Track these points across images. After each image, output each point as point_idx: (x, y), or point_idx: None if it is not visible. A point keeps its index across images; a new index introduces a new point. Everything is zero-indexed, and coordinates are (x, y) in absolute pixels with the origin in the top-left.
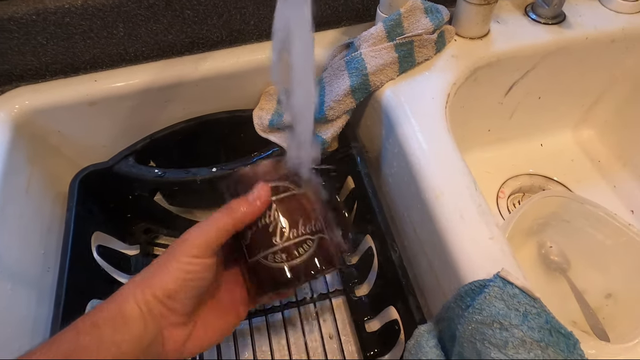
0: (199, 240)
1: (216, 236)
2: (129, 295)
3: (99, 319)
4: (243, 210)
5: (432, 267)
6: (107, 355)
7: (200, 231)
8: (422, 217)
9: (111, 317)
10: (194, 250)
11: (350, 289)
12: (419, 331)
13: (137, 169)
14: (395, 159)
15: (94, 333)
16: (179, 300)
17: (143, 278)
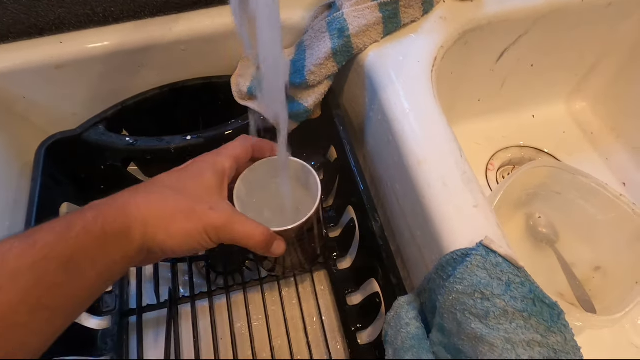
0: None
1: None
2: (137, 226)
3: (108, 229)
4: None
5: (415, 238)
6: (101, 268)
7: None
8: (404, 186)
9: (117, 233)
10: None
11: (333, 262)
12: (398, 303)
13: (108, 137)
14: (378, 126)
15: (100, 242)
16: (178, 253)
17: (157, 218)
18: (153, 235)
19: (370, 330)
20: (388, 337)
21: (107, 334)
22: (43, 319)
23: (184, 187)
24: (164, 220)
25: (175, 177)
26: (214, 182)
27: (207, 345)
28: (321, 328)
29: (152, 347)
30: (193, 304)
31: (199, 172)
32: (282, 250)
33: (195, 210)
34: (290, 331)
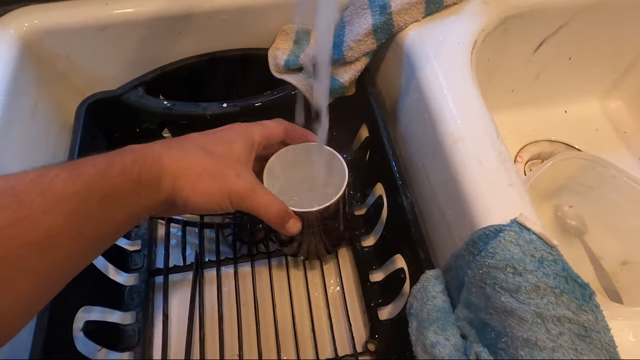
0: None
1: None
2: (168, 177)
3: (143, 176)
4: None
5: (445, 216)
6: (130, 209)
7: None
8: (437, 164)
9: (150, 181)
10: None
11: (357, 239)
12: (426, 276)
13: (146, 99)
14: (414, 105)
15: (135, 186)
16: (197, 210)
17: (186, 175)
18: (180, 189)
19: (391, 307)
20: (413, 309)
21: (134, 291)
22: (79, 246)
23: (214, 149)
24: (192, 177)
25: (207, 139)
26: (243, 151)
27: (230, 310)
28: (342, 303)
29: (176, 307)
30: (218, 268)
31: (230, 139)
32: (297, 229)
33: (223, 174)
34: (312, 304)
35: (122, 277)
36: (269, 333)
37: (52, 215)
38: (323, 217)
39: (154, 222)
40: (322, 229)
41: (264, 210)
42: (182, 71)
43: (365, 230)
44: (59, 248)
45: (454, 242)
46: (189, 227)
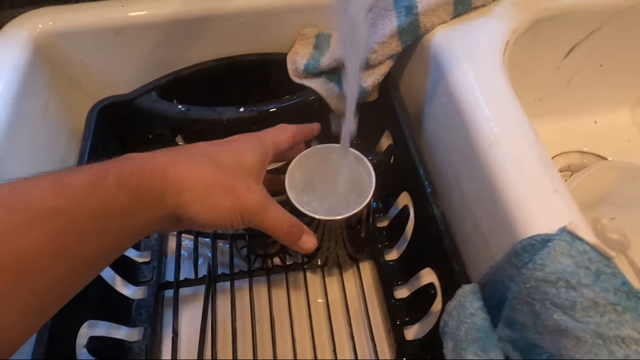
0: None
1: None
2: (172, 191)
3: (142, 188)
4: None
5: (479, 226)
6: (127, 226)
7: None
8: (471, 170)
9: (151, 195)
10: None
11: (380, 253)
12: (462, 291)
13: (160, 103)
14: (442, 109)
15: (132, 199)
16: (206, 227)
17: (194, 189)
18: (186, 205)
19: (419, 326)
20: (448, 327)
21: (142, 305)
22: (66, 271)
23: (224, 160)
24: (200, 191)
25: (217, 149)
26: (255, 163)
27: (243, 326)
28: (366, 322)
29: (187, 323)
30: (232, 282)
31: (242, 150)
32: (311, 245)
33: (234, 188)
34: (333, 322)
35: (130, 290)
36: (286, 352)
37: (23, 237)
38: (347, 225)
39: (165, 233)
40: (345, 236)
41: (274, 229)
42: (198, 76)
43: (388, 243)
44: (37, 275)
45: (491, 254)
46: (201, 237)
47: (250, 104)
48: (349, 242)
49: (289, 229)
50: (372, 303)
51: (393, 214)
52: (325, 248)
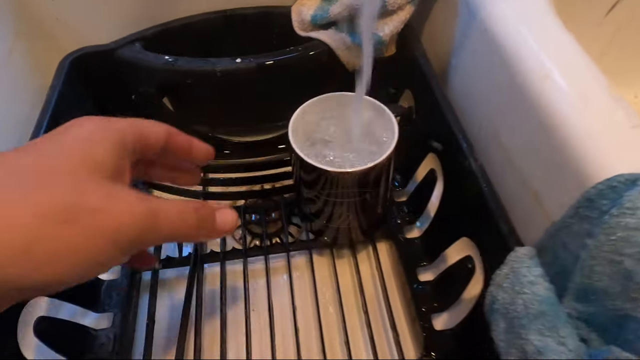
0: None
1: None
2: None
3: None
4: None
5: (528, 183)
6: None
7: None
8: (517, 117)
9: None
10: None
11: (399, 230)
12: (516, 255)
13: (144, 55)
14: (473, 57)
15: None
16: (53, 288)
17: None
18: (11, 275)
19: (450, 314)
20: (498, 303)
21: (113, 287)
22: None
23: (53, 167)
24: (17, 239)
25: (37, 152)
26: (108, 155)
27: (235, 316)
28: (385, 308)
29: (167, 309)
30: (223, 264)
31: (82, 140)
32: (232, 221)
33: (82, 208)
34: (345, 309)
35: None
36: (287, 347)
37: None
38: (362, 184)
39: None
40: (358, 202)
41: (180, 230)
42: (189, 30)
43: (409, 219)
44: None
45: (546, 214)
46: None
47: None
48: (364, 211)
49: (199, 217)
50: (392, 288)
51: (411, 189)
52: (336, 217)
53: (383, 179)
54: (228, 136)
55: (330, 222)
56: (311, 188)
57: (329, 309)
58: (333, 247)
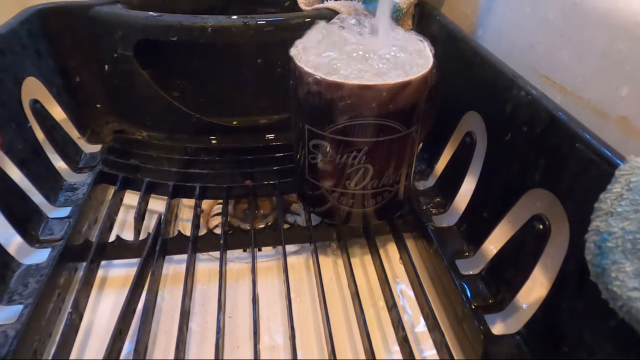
0: None
1: None
2: None
3: None
4: None
5: (608, 110)
6: None
7: None
8: (579, 41)
9: None
10: None
11: (427, 218)
12: (630, 166)
13: (125, 11)
14: (507, 10)
15: None
16: None
17: None
18: None
19: (507, 314)
20: (615, 238)
21: (31, 273)
22: None
23: None
24: None
25: None
26: None
27: (202, 323)
28: (428, 312)
29: (109, 305)
30: (191, 254)
31: None
32: None
33: None
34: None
35: (19, 250)
36: None
37: None
38: (389, 111)
39: (102, 188)
40: (382, 145)
41: None
42: (185, 4)
43: (440, 203)
44: None
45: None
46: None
47: None
48: (387, 165)
49: None
50: (429, 287)
51: (439, 173)
52: (349, 169)
53: (415, 114)
54: (212, 118)
55: (339, 184)
56: (318, 124)
57: (347, 319)
58: (343, 237)
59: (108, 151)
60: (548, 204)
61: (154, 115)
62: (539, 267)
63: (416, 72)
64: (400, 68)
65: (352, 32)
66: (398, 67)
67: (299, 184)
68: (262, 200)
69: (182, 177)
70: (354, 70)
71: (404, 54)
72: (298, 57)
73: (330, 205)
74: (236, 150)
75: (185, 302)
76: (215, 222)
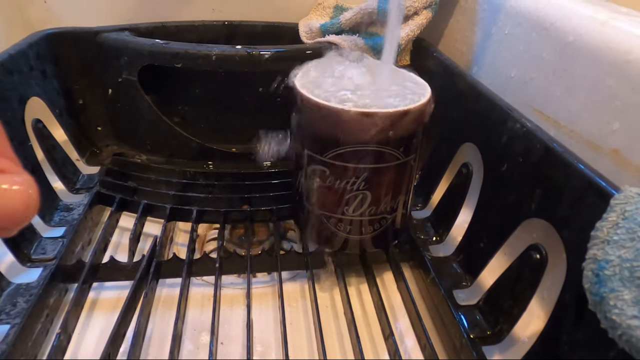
0: None
1: None
2: None
3: None
4: None
5: (601, 143)
6: None
7: None
8: (570, 77)
9: None
10: None
11: (424, 247)
12: (625, 195)
13: (131, 38)
14: (502, 48)
15: None
16: None
17: None
18: None
19: (507, 345)
20: (612, 266)
21: (20, 292)
22: None
23: None
24: None
25: None
26: None
27: (194, 349)
28: (426, 344)
29: (96, 334)
30: (186, 278)
31: None
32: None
33: None
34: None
35: (10, 268)
36: None
37: None
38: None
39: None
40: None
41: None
42: (189, 34)
43: (436, 237)
44: None
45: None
46: (151, 218)
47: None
48: (385, 191)
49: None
50: (424, 316)
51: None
52: (346, 199)
53: (414, 142)
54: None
55: (337, 210)
56: (317, 149)
57: (336, 345)
58: (339, 265)
59: (106, 173)
60: (544, 234)
61: (154, 139)
62: (536, 299)
63: (415, 101)
64: (399, 98)
65: (353, 64)
66: (398, 97)
67: (296, 210)
68: (258, 226)
69: (180, 200)
70: (355, 99)
71: (403, 86)
72: (300, 83)
73: (328, 231)
74: (234, 176)
75: (177, 327)
76: (210, 247)
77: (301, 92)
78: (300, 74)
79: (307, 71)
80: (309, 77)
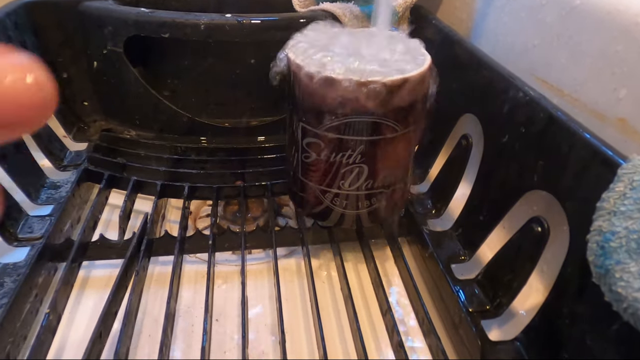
0: None
1: None
2: None
3: None
4: None
5: (607, 112)
6: None
7: None
8: (576, 45)
9: None
10: None
11: (422, 221)
12: (633, 164)
13: (115, 7)
14: (504, 15)
15: None
16: None
17: None
18: None
19: (505, 319)
20: (618, 237)
21: (7, 272)
22: None
23: None
24: None
25: None
26: None
27: (187, 328)
28: (423, 317)
29: (87, 313)
30: (178, 255)
31: None
32: None
33: None
34: (361, 322)
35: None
36: None
37: None
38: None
39: (87, 187)
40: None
41: None
42: (176, 2)
43: (434, 211)
44: None
45: None
46: (141, 195)
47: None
48: (384, 165)
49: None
50: (424, 292)
51: (432, 179)
52: (344, 169)
53: (413, 113)
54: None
55: (333, 184)
56: (312, 121)
57: (333, 322)
58: (336, 240)
59: (94, 149)
60: (546, 206)
61: (143, 114)
62: (536, 273)
63: (413, 70)
64: (397, 66)
65: (348, 32)
66: (395, 65)
67: (291, 185)
68: (252, 202)
69: (171, 176)
70: (350, 67)
71: (401, 54)
72: (293, 53)
73: (323, 206)
74: (227, 151)
75: (170, 304)
76: (203, 224)
77: (294, 61)
78: (295, 42)
79: (302, 39)
80: (303, 45)
